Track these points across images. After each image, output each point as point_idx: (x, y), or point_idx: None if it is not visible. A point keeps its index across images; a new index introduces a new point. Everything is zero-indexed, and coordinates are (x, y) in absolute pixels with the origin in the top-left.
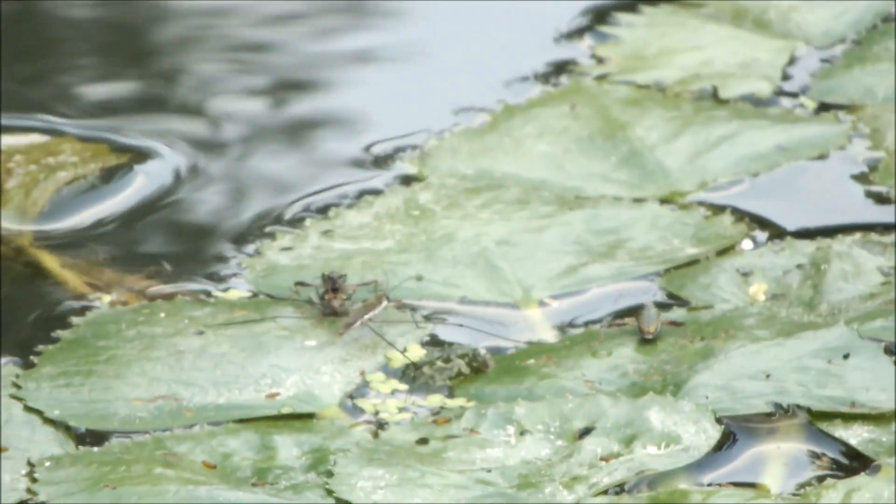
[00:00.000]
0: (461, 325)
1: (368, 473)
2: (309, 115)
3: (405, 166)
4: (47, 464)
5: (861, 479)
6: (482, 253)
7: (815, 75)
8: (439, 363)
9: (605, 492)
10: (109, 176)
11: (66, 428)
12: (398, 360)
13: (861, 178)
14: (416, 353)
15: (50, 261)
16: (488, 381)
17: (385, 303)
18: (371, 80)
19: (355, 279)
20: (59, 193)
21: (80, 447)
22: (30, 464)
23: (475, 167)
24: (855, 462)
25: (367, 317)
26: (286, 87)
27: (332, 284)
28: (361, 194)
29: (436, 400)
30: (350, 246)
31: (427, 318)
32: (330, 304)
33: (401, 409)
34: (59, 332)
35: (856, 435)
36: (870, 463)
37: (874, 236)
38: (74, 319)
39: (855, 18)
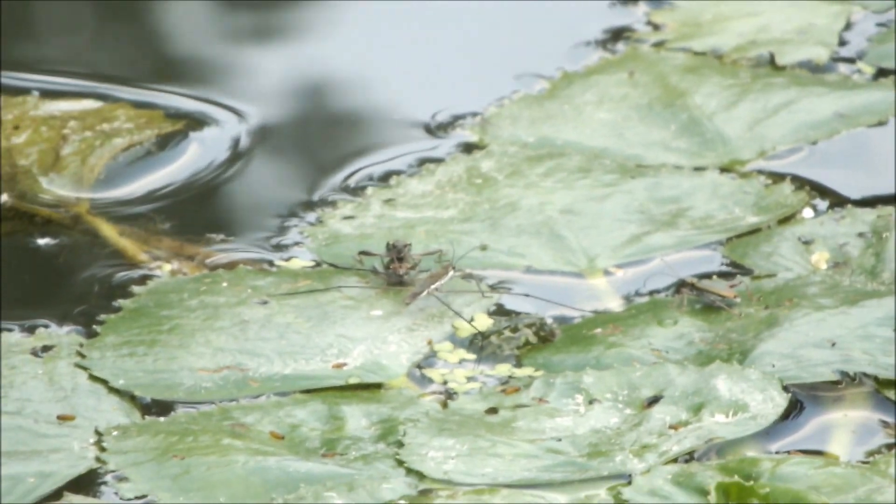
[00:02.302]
0: (527, 295)
1: (439, 443)
2: (369, 83)
3: (465, 134)
4: (115, 433)
5: None
6: (546, 222)
7: (871, 40)
8: (507, 332)
9: (674, 460)
10: (165, 143)
11: (131, 398)
12: (465, 330)
13: None
14: (483, 322)
15: (108, 229)
16: (556, 350)
17: (452, 272)
18: (430, 48)
19: (419, 248)
20: (116, 160)
21: (146, 417)
22: (97, 433)
23: (536, 135)
24: None
25: (433, 287)
26: (347, 55)
27: (398, 253)
28: (422, 163)
29: (504, 369)
30: (413, 215)
31: (493, 288)
32: (396, 272)
33: (469, 379)
34: (121, 302)
35: None
36: None
37: None
38: (135, 288)
39: None
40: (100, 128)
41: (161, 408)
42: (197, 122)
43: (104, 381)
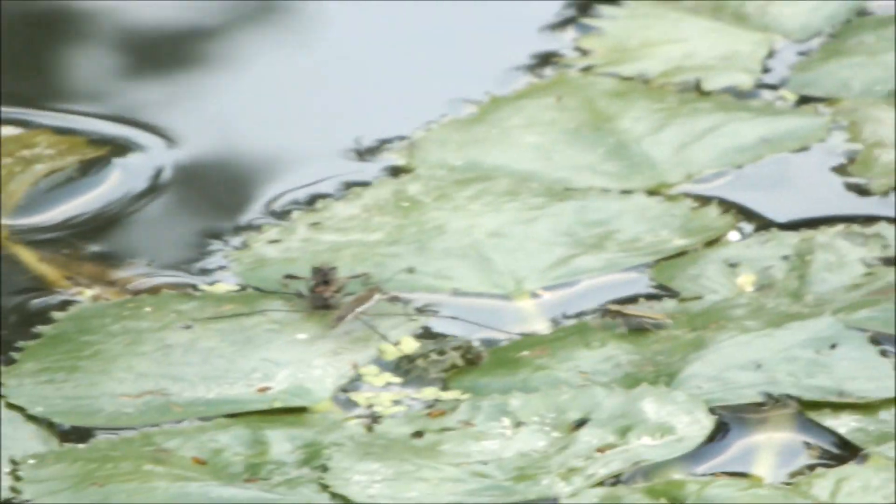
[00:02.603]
0: (455, 318)
1: (364, 468)
2: (295, 107)
3: (393, 158)
4: (31, 461)
5: (850, 467)
6: (474, 245)
7: (793, 68)
8: (433, 356)
9: (601, 483)
10: (87, 169)
11: (49, 425)
12: (391, 353)
13: (841, 169)
14: (410, 345)
15: (28, 255)
16: (482, 373)
17: (377, 295)
18: (356, 72)
19: (345, 272)
20: (36, 187)
21: (65, 444)
22: (13, 462)
23: (464, 158)
24: (844, 451)
25: (359, 310)
26: (273, 80)
27: (323, 277)
28: (349, 186)
29: (430, 393)
30: (339, 238)
31: (419, 311)
32: (321, 296)
33: (395, 403)
34: (41, 328)
35: (844, 424)
36: (858, 452)
37: (856, 228)
38: (56, 315)
39: (830, 12)
40: (20, 154)
41: (80, 435)
42: (120, 148)
43: (21, 409)
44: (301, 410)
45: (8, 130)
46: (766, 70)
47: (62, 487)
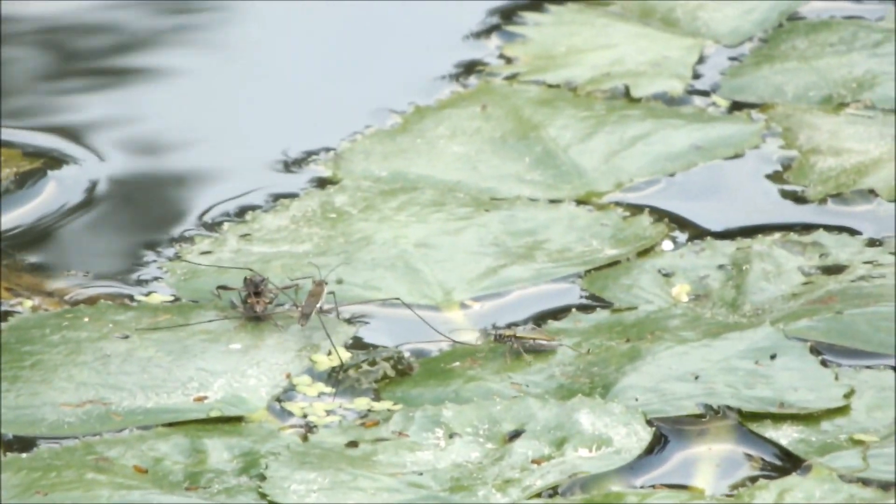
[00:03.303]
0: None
1: (301, 477)
2: (223, 120)
3: (319, 169)
4: None
5: (793, 479)
6: (401, 255)
7: (725, 74)
8: (364, 366)
9: (538, 494)
10: (23, 181)
11: None
12: (323, 363)
13: (776, 177)
14: (341, 355)
15: None
16: (414, 383)
17: (325, 287)
18: (281, 83)
19: (276, 282)
20: None
21: (8, 454)
22: None
23: (389, 169)
24: (786, 462)
25: (319, 305)
26: (202, 94)
27: (255, 288)
28: (277, 198)
29: (362, 403)
30: (269, 249)
31: (349, 321)
32: (252, 307)
33: (328, 412)
34: None
35: (786, 435)
36: (801, 463)
37: (793, 236)
38: None
39: (761, 17)
40: None
41: (23, 444)
42: (55, 161)
43: None
44: (238, 420)
45: None
46: (696, 76)
47: (6, 497)
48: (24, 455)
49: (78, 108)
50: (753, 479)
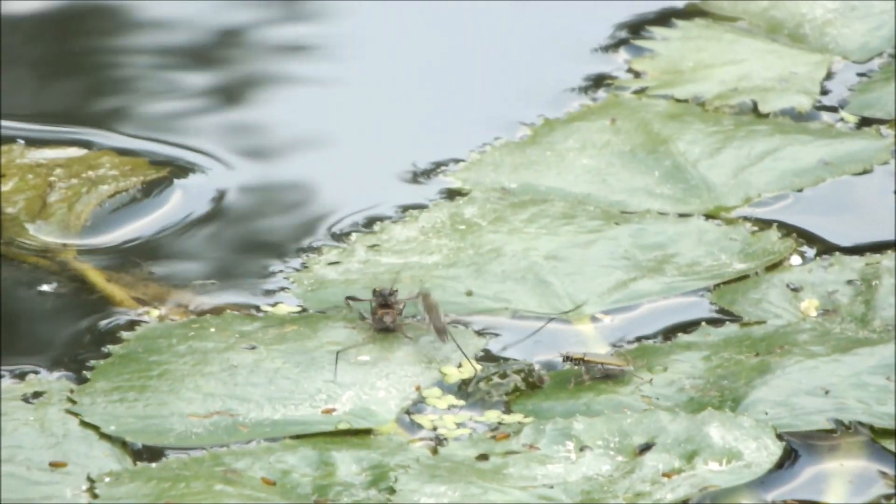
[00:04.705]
0: (522, 339)
1: (431, 490)
2: (353, 130)
3: (448, 180)
4: (107, 479)
5: None
6: (531, 267)
7: (853, 90)
8: (495, 378)
9: None
10: (150, 190)
11: (122, 443)
12: (453, 376)
13: None
14: (471, 368)
15: (95, 275)
16: (545, 396)
17: (432, 295)
18: (410, 94)
19: (404, 294)
20: (102, 207)
21: (138, 463)
22: (90, 479)
23: (518, 181)
24: None
25: (445, 317)
26: (332, 104)
27: (384, 300)
28: (406, 209)
29: (493, 415)
30: (397, 260)
31: (479, 333)
32: (382, 319)
33: (458, 425)
34: (110, 347)
35: None
36: None
37: None
38: (124, 334)
39: (890, 33)
40: (85, 175)
41: (152, 454)
42: (181, 169)
43: (95, 427)
44: (366, 432)
45: (73, 151)
46: (824, 92)
47: None
48: (153, 465)
49: (204, 117)
50: (889, 497)
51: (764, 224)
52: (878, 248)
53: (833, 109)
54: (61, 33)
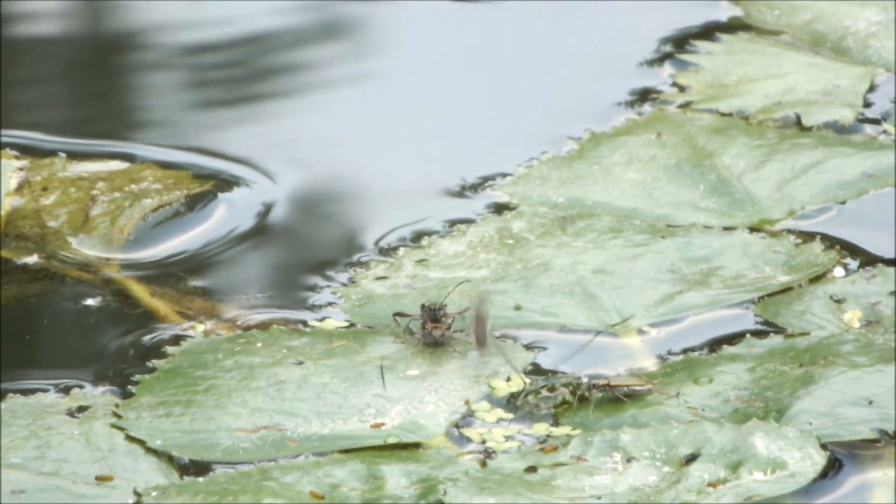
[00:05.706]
0: (572, 356)
1: (480, 502)
2: (400, 144)
3: (496, 195)
4: (154, 493)
5: None
6: (579, 281)
7: None
8: (543, 392)
9: None
10: (193, 203)
11: (168, 458)
12: (501, 389)
13: None
14: (519, 381)
15: (139, 290)
16: (592, 408)
17: (474, 309)
18: (457, 109)
19: (453, 308)
20: (145, 221)
21: (185, 477)
22: (136, 493)
23: (566, 195)
24: None
25: (490, 329)
26: (379, 117)
27: (433, 315)
28: (454, 223)
29: (541, 428)
30: (445, 275)
31: (527, 347)
32: (431, 334)
33: (507, 438)
34: (156, 362)
35: None
36: None
37: None
38: (169, 349)
39: None
40: (128, 188)
41: (199, 468)
42: (225, 182)
43: (141, 442)
44: (415, 446)
45: (115, 164)
46: (867, 104)
47: None
48: (200, 479)
49: (249, 130)
50: None
51: (807, 236)
52: None
53: (876, 122)
54: (100, 46)
